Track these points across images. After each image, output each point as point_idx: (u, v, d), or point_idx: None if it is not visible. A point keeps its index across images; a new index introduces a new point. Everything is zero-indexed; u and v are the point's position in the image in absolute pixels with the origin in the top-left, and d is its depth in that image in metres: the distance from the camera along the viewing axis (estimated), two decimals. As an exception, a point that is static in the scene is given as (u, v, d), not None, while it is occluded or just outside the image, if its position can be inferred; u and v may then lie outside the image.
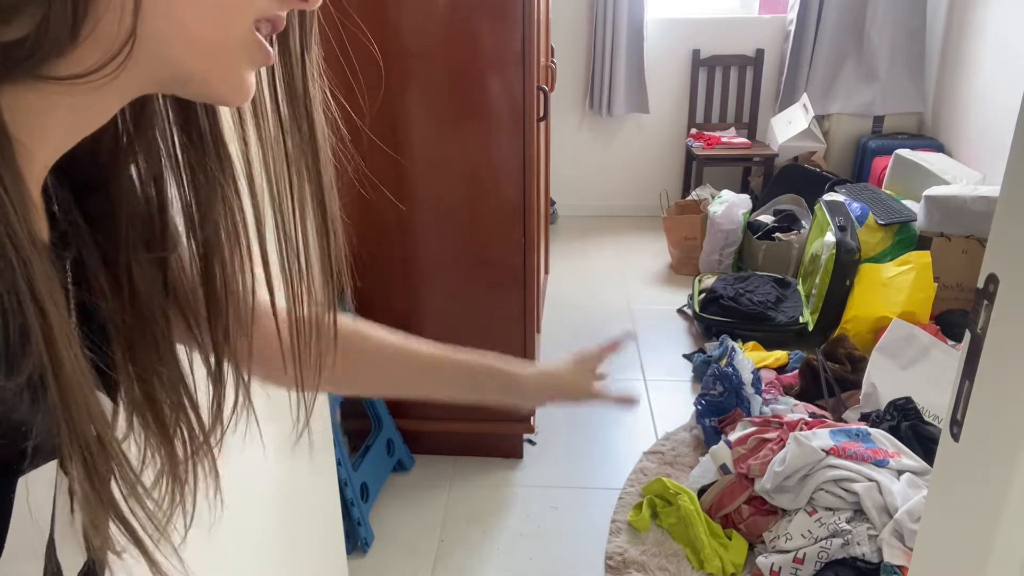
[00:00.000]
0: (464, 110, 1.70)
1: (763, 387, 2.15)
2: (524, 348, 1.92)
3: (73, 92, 0.31)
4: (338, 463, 1.60)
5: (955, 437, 0.75)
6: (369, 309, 1.89)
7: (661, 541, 1.73)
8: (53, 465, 0.34)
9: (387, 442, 1.93)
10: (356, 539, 1.69)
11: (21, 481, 0.32)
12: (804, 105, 3.51)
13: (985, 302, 0.72)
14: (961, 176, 2.84)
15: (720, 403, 2.03)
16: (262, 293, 0.46)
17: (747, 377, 2.07)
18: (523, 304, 1.87)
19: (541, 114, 1.98)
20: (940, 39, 3.38)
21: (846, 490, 1.63)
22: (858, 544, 1.55)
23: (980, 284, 0.73)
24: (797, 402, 2.11)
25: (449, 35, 1.64)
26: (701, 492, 1.79)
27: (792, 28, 3.58)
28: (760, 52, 3.71)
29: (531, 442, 2.11)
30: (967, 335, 0.73)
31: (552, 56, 2.74)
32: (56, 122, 0.33)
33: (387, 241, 1.84)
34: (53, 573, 0.34)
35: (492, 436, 2.04)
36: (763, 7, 3.78)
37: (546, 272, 3.01)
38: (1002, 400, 0.68)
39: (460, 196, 1.78)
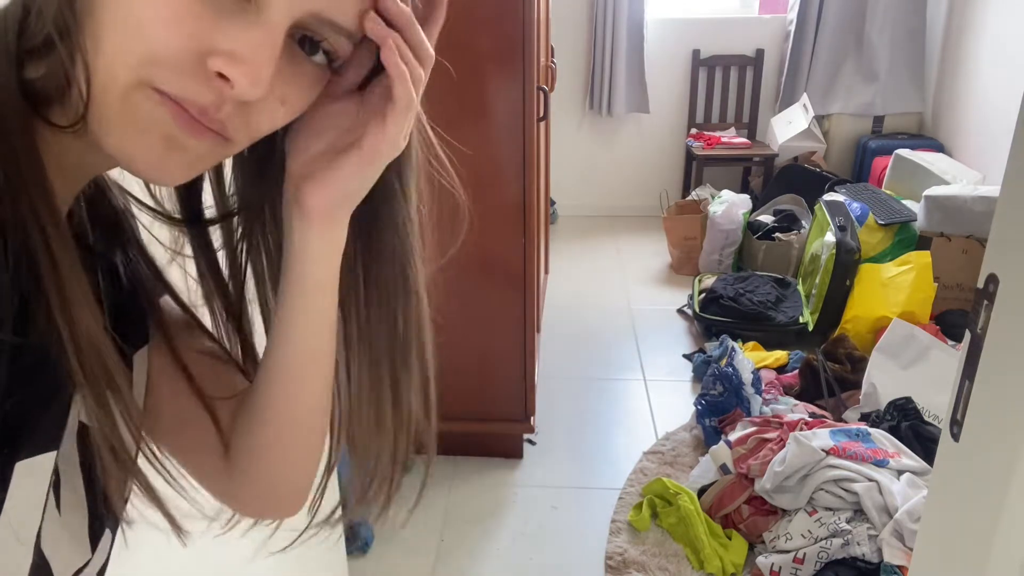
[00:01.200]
0: (464, 110, 1.70)
1: (763, 387, 2.15)
2: (524, 347, 1.92)
3: (75, 137, 0.33)
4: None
5: (955, 437, 0.75)
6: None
7: (661, 541, 1.73)
8: (48, 462, 0.34)
9: (387, 442, 1.93)
10: (356, 539, 1.69)
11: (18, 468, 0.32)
12: (804, 105, 3.51)
13: (985, 302, 0.72)
14: (961, 176, 2.84)
15: (720, 403, 2.03)
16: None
17: (747, 377, 2.07)
18: (523, 304, 1.87)
19: (541, 114, 1.98)
20: (940, 39, 3.38)
21: (846, 490, 1.63)
22: (858, 544, 1.55)
23: (980, 284, 0.73)
24: (797, 402, 2.11)
25: (448, 35, 1.63)
26: (701, 492, 1.79)
27: (792, 28, 3.58)
28: (760, 52, 3.71)
29: (531, 442, 2.11)
30: (967, 335, 0.73)
31: (552, 56, 2.74)
32: (66, 159, 0.35)
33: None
34: (37, 565, 0.34)
35: (492, 436, 2.04)
36: (763, 7, 3.78)
37: (546, 272, 3.01)
38: (1002, 400, 0.68)
39: (462, 193, 1.78)
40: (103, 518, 0.40)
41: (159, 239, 0.47)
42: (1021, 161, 0.68)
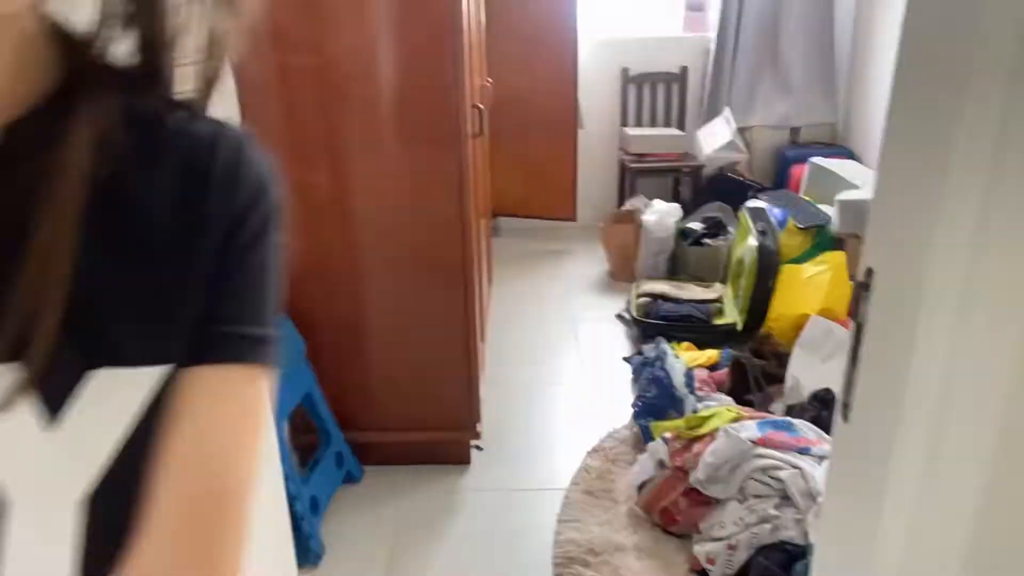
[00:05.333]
0: (401, 128, 1.75)
1: (696, 385, 2.25)
2: (468, 356, 1.97)
3: None
4: (286, 478, 1.61)
5: (845, 418, 0.84)
6: (312, 320, 1.91)
7: (606, 537, 1.80)
8: None
9: (336, 455, 1.94)
10: (307, 553, 1.70)
11: None
12: (726, 118, 3.69)
13: (863, 293, 0.81)
14: (869, 181, 3.04)
15: (655, 404, 2.12)
16: None
17: (679, 379, 2.16)
18: (465, 313, 1.93)
19: (477, 130, 2.05)
20: (848, 55, 3.63)
21: (773, 478, 1.74)
22: (785, 528, 1.64)
23: (860, 277, 0.81)
24: (728, 398, 2.23)
25: (385, 58, 1.69)
26: (641, 488, 1.88)
27: (713, 47, 3.77)
28: (684, 69, 3.90)
29: (478, 448, 2.16)
30: (852, 324, 0.82)
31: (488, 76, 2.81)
32: None
33: (329, 255, 1.86)
34: None
35: (440, 444, 2.07)
36: (686, 27, 3.98)
37: (490, 283, 3.06)
38: (881, 381, 0.77)
39: (401, 210, 1.82)
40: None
41: None
42: (889, 168, 0.78)
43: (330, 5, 1.63)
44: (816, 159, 3.25)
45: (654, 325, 2.76)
